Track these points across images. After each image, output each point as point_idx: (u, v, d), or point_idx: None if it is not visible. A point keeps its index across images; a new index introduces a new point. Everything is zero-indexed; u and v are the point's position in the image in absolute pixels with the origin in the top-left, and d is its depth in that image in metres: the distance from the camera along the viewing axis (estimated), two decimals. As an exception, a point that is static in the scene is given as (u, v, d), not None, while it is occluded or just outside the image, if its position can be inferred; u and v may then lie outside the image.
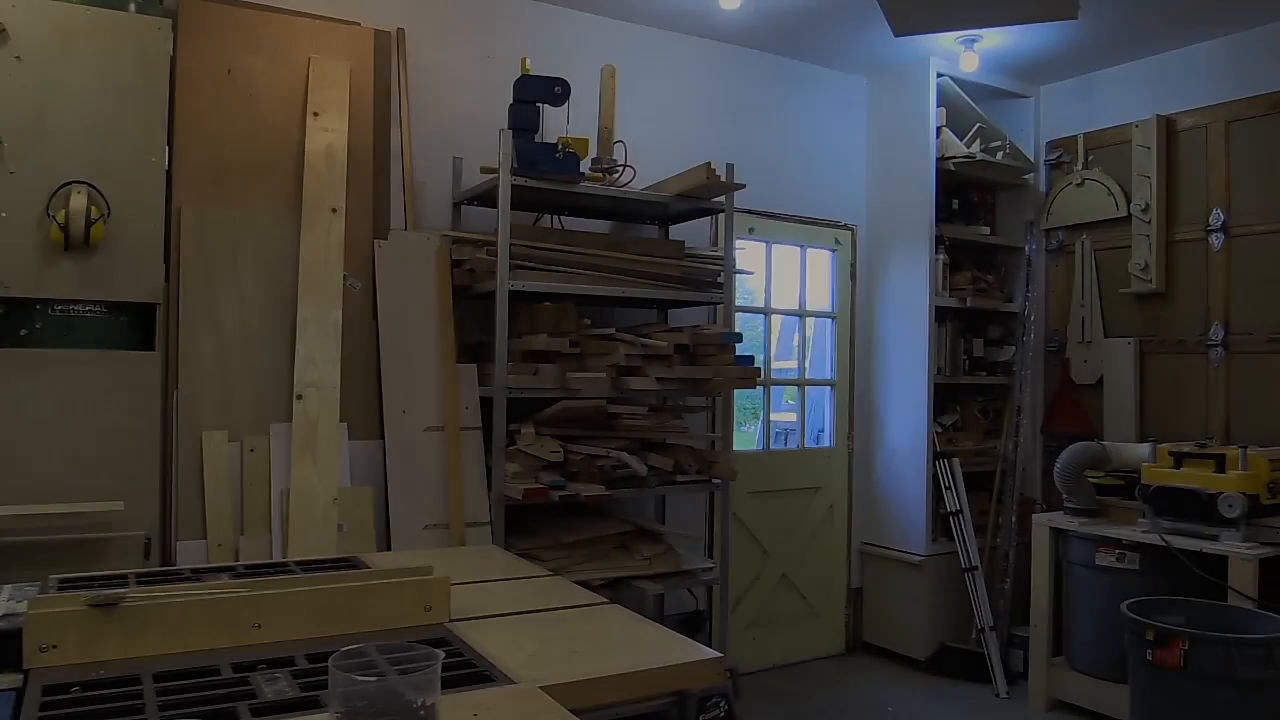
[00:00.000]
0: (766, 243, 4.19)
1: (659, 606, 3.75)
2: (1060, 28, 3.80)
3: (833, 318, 4.41)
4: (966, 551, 4.05)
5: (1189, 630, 2.89)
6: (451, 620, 1.65)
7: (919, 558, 4.11)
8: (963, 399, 4.42)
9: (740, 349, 3.35)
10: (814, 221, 4.32)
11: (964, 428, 4.38)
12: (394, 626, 1.60)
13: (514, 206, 3.42)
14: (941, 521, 4.16)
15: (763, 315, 4.20)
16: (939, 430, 4.22)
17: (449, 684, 1.34)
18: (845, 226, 4.39)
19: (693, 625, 3.80)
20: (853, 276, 4.41)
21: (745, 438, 4.33)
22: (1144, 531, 3.43)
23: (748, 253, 4.07)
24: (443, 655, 1.21)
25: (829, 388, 4.41)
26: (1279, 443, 3.55)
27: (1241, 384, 3.76)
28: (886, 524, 4.29)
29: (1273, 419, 3.66)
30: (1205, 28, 3.80)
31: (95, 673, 1.38)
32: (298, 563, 2.05)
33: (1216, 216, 3.83)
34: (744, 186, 3.33)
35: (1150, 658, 2.94)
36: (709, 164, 3.15)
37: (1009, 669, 4.02)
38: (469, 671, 1.40)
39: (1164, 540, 3.31)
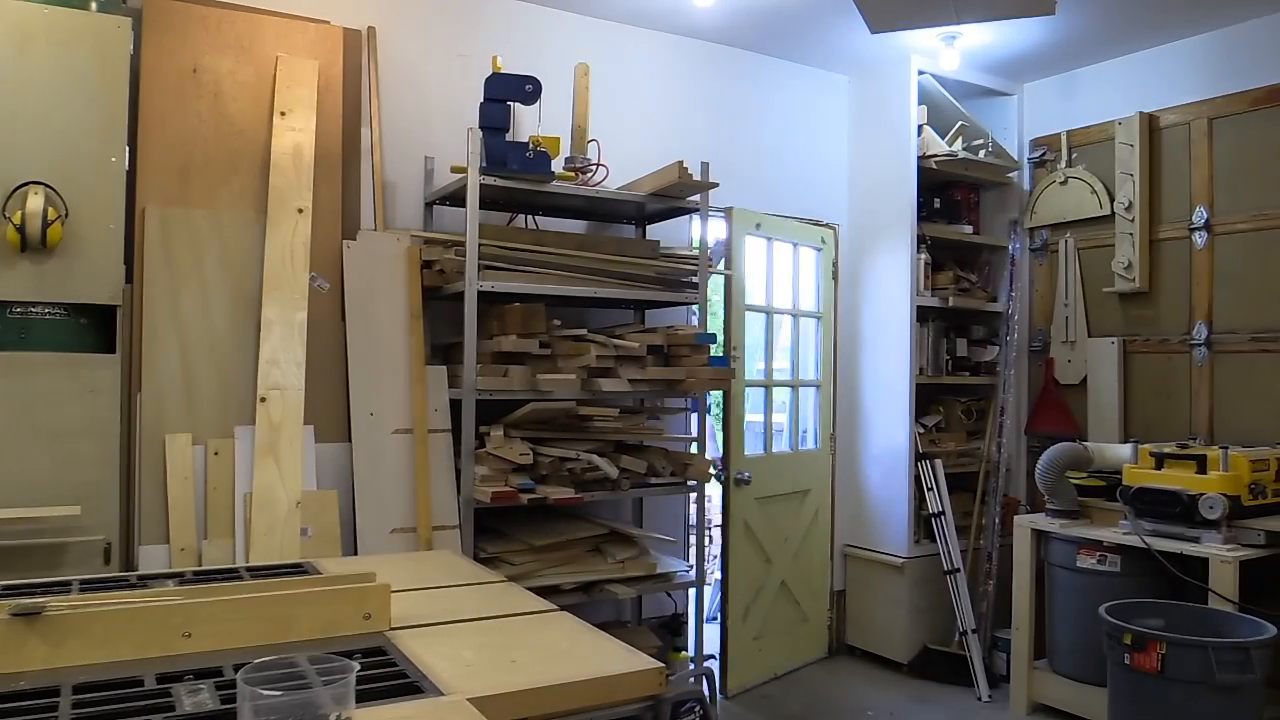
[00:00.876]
0: (769, 240, 4.10)
1: (636, 610, 3.71)
2: (1042, 25, 3.76)
3: (818, 318, 4.36)
4: (949, 553, 4.01)
5: (1166, 634, 2.85)
6: (392, 628, 1.61)
7: (901, 560, 4.07)
8: (946, 399, 4.37)
9: (745, 350, 3.30)
10: (796, 220, 4.28)
11: (947, 428, 4.34)
12: (331, 635, 1.56)
13: (486, 206, 3.39)
14: (924, 523, 4.12)
15: (764, 314, 4.09)
16: (921, 431, 4.18)
17: (379, 695, 1.30)
18: (828, 225, 4.35)
19: (671, 629, 3.76)
20: (835, 276, 4.37)
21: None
22: (1125, 533, 3.39)
23: (751, 250, 3.98)
24: (357, 667, 1.17)
25: (814, 389, 4.36)
26: (1263, 443, 3.51)
27: (1225, 383, 3.72)
28: (869, 526, 4.25)
29: (1257, 419, 3.62)
30: (1187, 24, 3.76)
31: (15, 684, 1.34)
32: (249, 568, 2.02)
33: (1199, 214, 3.79)
34: (717, 185, 3.29)
35: (1128, 662, 2.90)
36: (680, 163, 3.11)
37: (993, 672, 3.98)
38: (400, 682, 1.37)
39: (1144, 542, 3.27)
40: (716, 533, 5.56)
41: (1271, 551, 3.19)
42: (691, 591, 3.78)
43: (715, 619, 5.09)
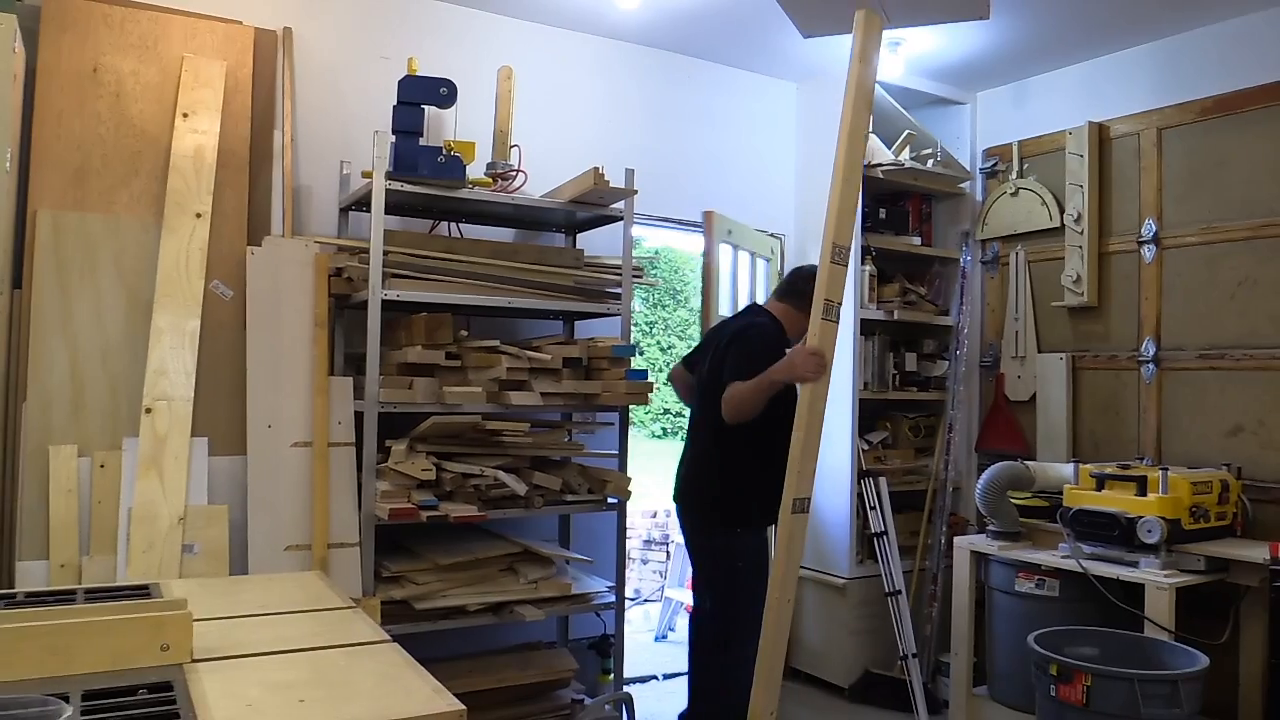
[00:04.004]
0: (734, 248, 4.01)
1: (563, 630, 3.59)
2: (991, 32, 3.66)
3: (763, 330, 4.24)
4: (890, 574, 3.87)
5: (1090, 665, 2.72)
6: (195, 660, 1.51)
7: (843, 580, 3.94)
8: (893, 415, 4.25)
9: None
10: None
11: (894, 445, 4.22)
12: (122, 667, 1.45)
13: (406, 213, 3.31)
14: (868, 543, 3.98)
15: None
16: (866, 448, 4.05)
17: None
18: (774, 235, 4.25)
19: (601, 650, 3.65)
20: (781, 288, 4.25)
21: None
22: (1063, 556, 3.26)
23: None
24: (69, 710, 1.06)
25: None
26: (1209, 463, 3.38)
27: (1173, 402, 3.59)
28: (812, 545, 4.11)
29: (1203, 438, 3.49)
30: (1136, 32, 3.65)
31: None
32: (88, 590, 1.91)
33: (1148, 227, 3.67)
34: (635, 193, 3.19)
35: (1054, 693, 2.77)
36: (596, 169, 3.02)
37: (936, 698, 3.84)
38: (162, 724, 1.26)
39: (1081, 566, 3.15)
40: (674, 549, 5.46)
41: (1213, 578, 3.06)
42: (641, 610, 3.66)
43: (664, 637, 4.98)
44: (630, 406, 3.29)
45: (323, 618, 1.82)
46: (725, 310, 3.78)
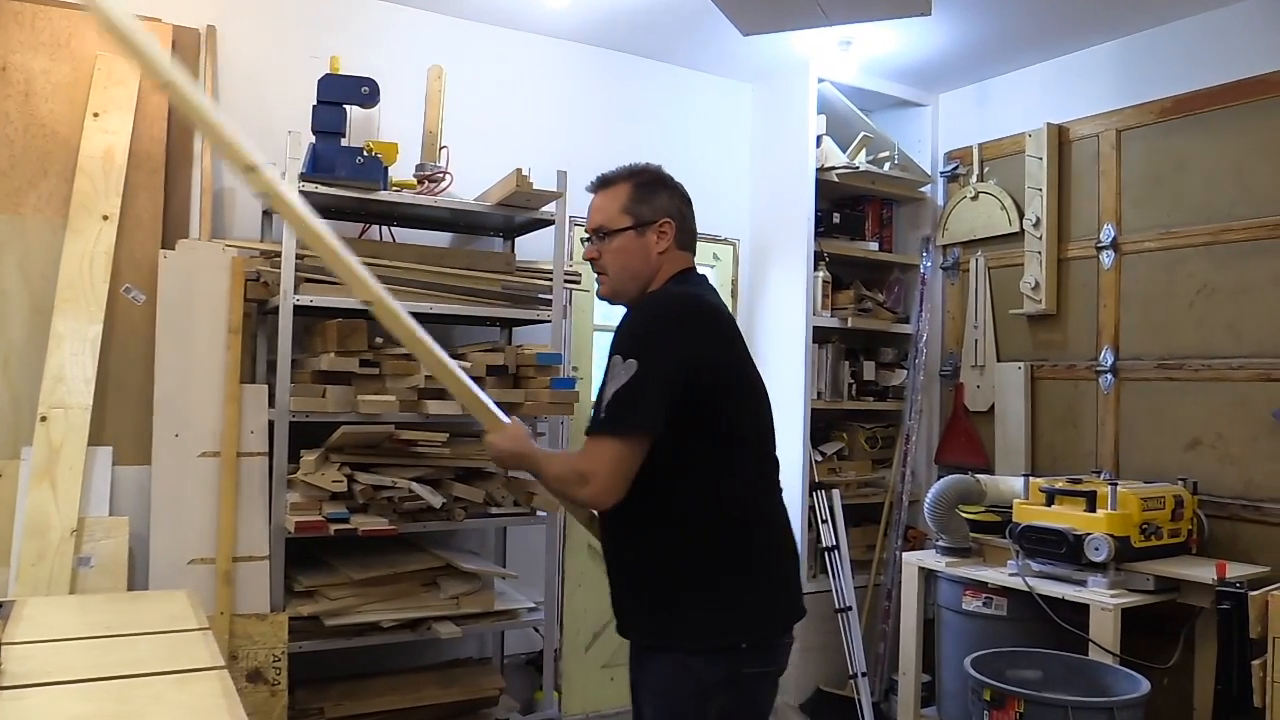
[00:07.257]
0: None
1: (499, 646, 3.49)
2: (949, 31, 3.54)
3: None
4: (840, 590, 3.75)
5: (1023, 691, 2.60)
6: (2, 687, 1.41)
7: (794, 596, 3.82)
8: (850, 425, 4.13)
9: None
10: (690, 235, 4.07)
11: (850, 456, 4.10)
12: (-85, 697, 1.37)
13: (334, 217, 3.23)
14: (820, 557, 3.87)
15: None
16: (820, 459, 3.94)
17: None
18: (726, 241, 4.14)
19: (538, 666, 3.54)
20: (734, 294, 4.15)
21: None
22: (1010, 574, 3.14)
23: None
24: None
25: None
26: (1166, 478, 3.25)
27: (1131, 413, 3.46)
28: (764, 558, 4.00)
29: (1161, 452, 3.36)
30: (1096, 31, 3.53)
31: None
32: (-66, 610, 1.83)
33: (1107, 232, 3.54)
34: (561, 195, 3.08)
35: (987, 719, 2.65)
36: (519, 170, 2.92)
37: (889, 717, 3.72)
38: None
39: (1027, 585, 3.03)
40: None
41: (1163, 598, 2.94)
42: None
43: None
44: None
45: (168, 640, 1.72)
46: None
